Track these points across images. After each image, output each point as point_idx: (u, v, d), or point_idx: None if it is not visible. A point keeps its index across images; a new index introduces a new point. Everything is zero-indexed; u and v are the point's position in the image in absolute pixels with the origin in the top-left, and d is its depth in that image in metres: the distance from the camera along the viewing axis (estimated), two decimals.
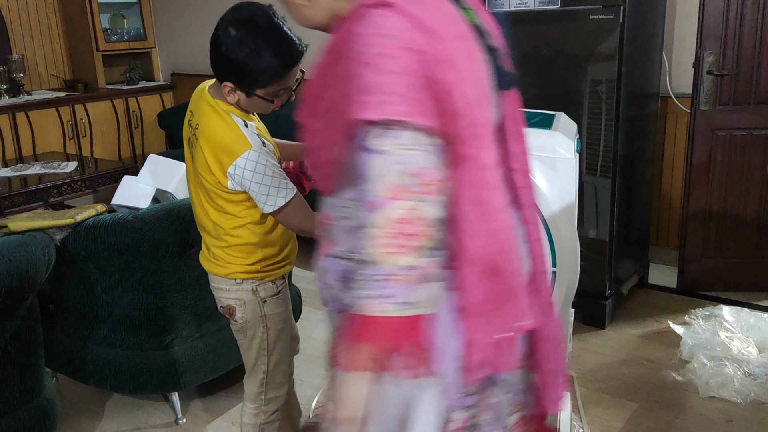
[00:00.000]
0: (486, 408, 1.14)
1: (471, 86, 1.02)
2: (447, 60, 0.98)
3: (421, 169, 0.98)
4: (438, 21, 1.00)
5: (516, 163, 1.16)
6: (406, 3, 0.98)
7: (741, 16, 3.05)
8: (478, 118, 1.04)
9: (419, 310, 1.00)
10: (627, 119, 2.91)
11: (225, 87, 1.59)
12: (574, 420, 2.33)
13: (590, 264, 2.84)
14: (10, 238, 1.96)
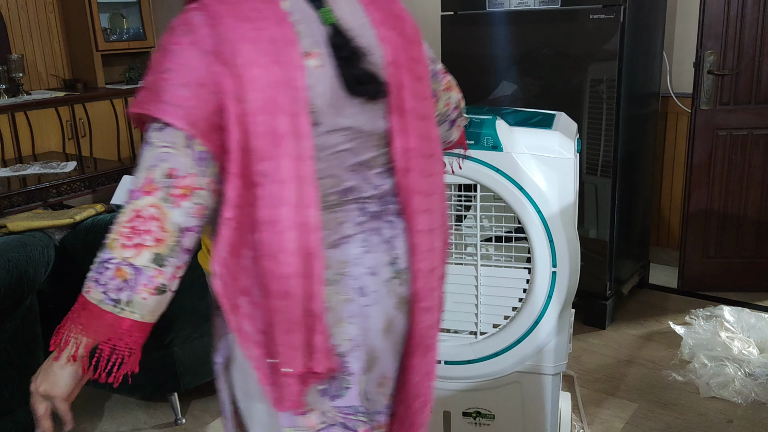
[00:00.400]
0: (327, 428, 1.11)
1: (269, 93, 0.97)
2: (238, 64, 0.95)
3: (173, 170, 0.95)
4: (243, 21, 0.97)
5: (402, 169, 1.10)
6: (215, 1, 0.97)
7: (741, 16, 3.05)
8: (279, 128, 0.97)
9: (133, 315, 0.97)
10: (627, 119, 2.90)
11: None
12: (574, 420, 2.32)
13: (590, 264, 2.84)
14: (10, 238, 1.96)
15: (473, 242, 1.73)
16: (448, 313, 1.78)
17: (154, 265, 0.96)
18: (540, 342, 1.73)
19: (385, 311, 1.10)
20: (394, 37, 1.08)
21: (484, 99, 3.09)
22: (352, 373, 1.08)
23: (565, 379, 2.59)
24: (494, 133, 1.65)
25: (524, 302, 1.71)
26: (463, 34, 3.09)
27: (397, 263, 1.11)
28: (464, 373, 1.80)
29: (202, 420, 2.46)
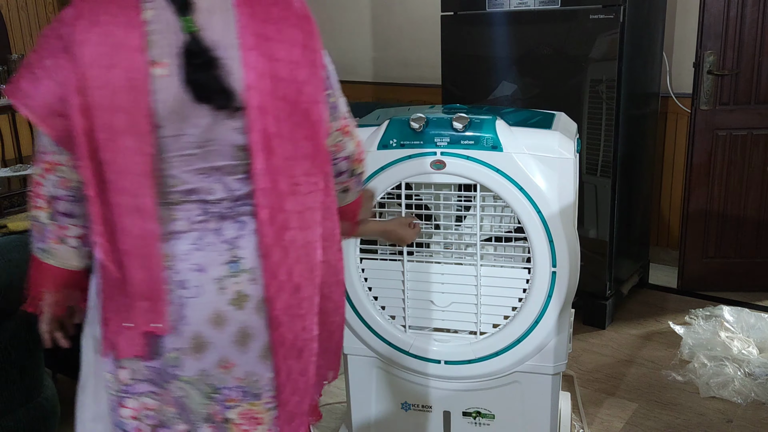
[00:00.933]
0: (168, 402, 1.24)
1: (109, 92, 1.07)
2: (82, 63, 1.06)
3: (41, 147, 1.16)
4: (95, 25, 1.07)
5: (262, 183, 1.15)
6: (84, 3, 1.10)
7: (741, 16, 3.05)
8: (117, 124, 1.08)
9: (56, 261, 1.23)
10: (627, 119, 2.90)
11: None
12: (574, 420, 2.32)
13: (590, 264, 2.84)
14: (10, 238, 1.96)
15: (473, 242, 1.74)
16: (448, 313, 1.79)
17: (51, 221, 1.20)
18: (540, 342, 1.73)
19: (212, 305, 1.19)
20: (262, 62, 1.12)
21: (484, 99, 3.09)
22: (166, 346, 1.20)
23: (565, 378, 2.59)
24: (494, 133, 1.65)
25: (524, 302, 1.71)
26: (463, 34, 3.10)
27: (240, 263, 1.19)
28: (464, 373, 1.81)
29: None
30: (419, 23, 4.27)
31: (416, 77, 4.39)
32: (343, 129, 1.32)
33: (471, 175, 1.66)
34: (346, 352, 1.93)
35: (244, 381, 1.26)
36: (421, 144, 1.68)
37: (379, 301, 1.84)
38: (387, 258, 1.81)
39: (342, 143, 1.32)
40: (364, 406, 1.98)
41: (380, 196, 1.74)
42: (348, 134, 1.34)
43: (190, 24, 1.10)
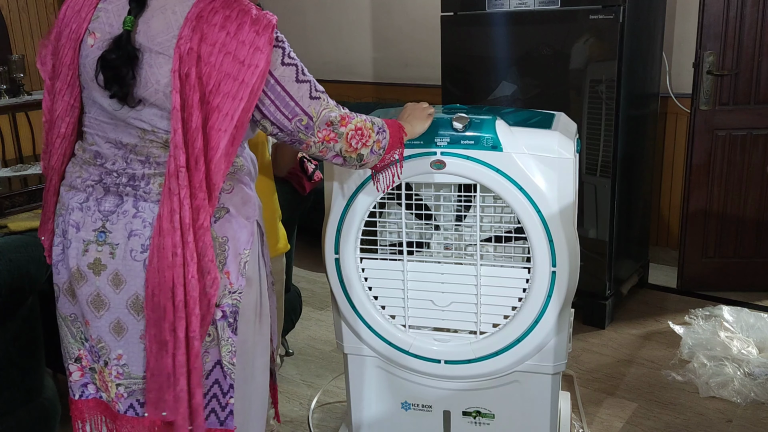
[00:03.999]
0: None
1: (61, 49, 1.35)
2: (59, 25, 1.37)
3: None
4: (75, 7, 1.35)
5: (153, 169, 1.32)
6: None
7: (741, 16, 3.06)
8: (61, 77, 1.35)
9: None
10: (627, 119, 2.91)
11: None
12: (574, 420, 2.33)
13: (590, 264, 2.85)
14: (11, 238, 1.96)
15: (473, 242, 1.74)
16: (448, 312, 1.79)
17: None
18: (540, 342, 1.73)
19: (76, 261, 1.36)
20: (186, 69, 1.22)
21: (484, 99, 3.09)
22: (60, 279, 1.42)
23: (564, 378, 2.59)
24: (494, 133, 1.65)
25: (524, 302, 1.72)
26: (463, 35, 3.10)
27: (107, 235, 1.33)
28: (464, 372, 1.81)
29: None
30: (419, 23, 4.27)
31: (416, 77, 4.39)
32: (324, 139, 1.38)
33: (471, 175, 1.66)
34: (346, 351, 1.93)
35: (95, 343, 1.39)
36: (421, 144, 1.69)
37: (379, 301, 1.84)
38: (387, 258, 1.81)
39: (327, 148, 1.40)
40: (364, 405, 1.98)
41: (380, 196, 1.74)
42: (332, 140, 1.39)
43: (129, 23, 1.25)
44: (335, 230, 1.78)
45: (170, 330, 1.30)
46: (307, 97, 1.33)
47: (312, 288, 3.52)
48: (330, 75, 4.76)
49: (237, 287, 1.38)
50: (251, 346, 1.47)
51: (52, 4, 5.15)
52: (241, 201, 1.40)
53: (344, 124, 1.40)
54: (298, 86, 1.32)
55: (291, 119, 1.33)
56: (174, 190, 1.26)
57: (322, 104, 1.36)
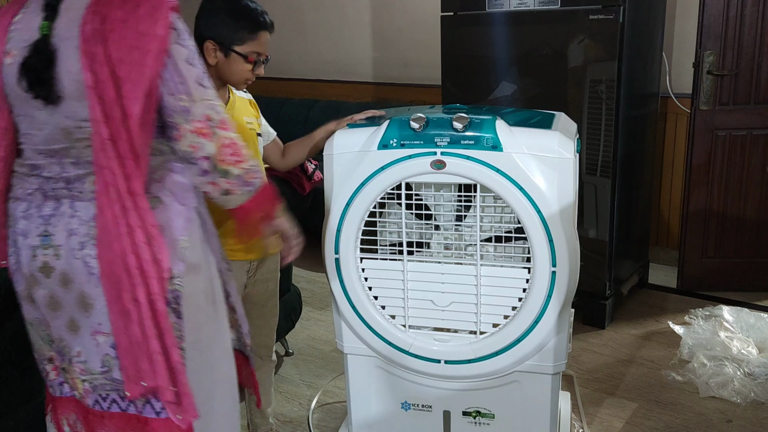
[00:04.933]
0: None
1: None
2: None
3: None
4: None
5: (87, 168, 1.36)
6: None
7: (741, 16, 3.06)
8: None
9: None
10: (627, 119, 2.91)
11: (206, 48, 1.76)
12: (574, 420, 2.33)
13: (590, 264, 2.85)
14: None
15: (473, 242, 1.74)
16: (448, 312, 1.79)
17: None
18: (540, 342, 1.73)
19: (28, 267, 1.42)
20: (88, 61, 1.30)
21: (484, 99, 3.09)
22: (19, 287, 1.48)
23: (564, 378, 2.59)
24: (494, 133, 1.65)
25: (524, 302, 1.72)
26: (463, 34, 3.10)
27: (51, 238, 1.38)
28: (464, 372, 1.81)
29: None
30: (419, 23, 4.27)
31: (416, 77, 4.39)
32: (199, 131, 1.38)
33: (471, 175, 1.66)
34: (346, 351, 1.93)
35: (59, 343, 1.46)
36: (421, 144, 1.69)
37: (379, 301, 1.84)
38: (387, 258, 1.81)
39: (198, 144, 1.38)
40: (364, 405, 1.98)
41: (380, 196, 1.74)
42: (206, 136, 1.38)
43: (45, 27, 1.33)
44: (335, 230, 1.78)
45: (131, 299, 1.34)
46: (194, 79, 1.37)
47: (312, 288, 3.52)
48: (330, 75, 4.76)
49: (176, 273, 1.40)
50: (207, 333, 1.50)
51: None
52: (173, 188, 1.43)
53: (223, 127, 1.39)
54: (188, 67, 1.36)
55: (174, 94, 1.35)
56: (104, 163, 1.32)
57: (207, 94, 1.38)
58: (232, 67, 1.80)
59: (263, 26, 1.80)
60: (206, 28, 1.78)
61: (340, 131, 1.82)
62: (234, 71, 1.80)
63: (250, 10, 1.79)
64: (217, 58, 1.78)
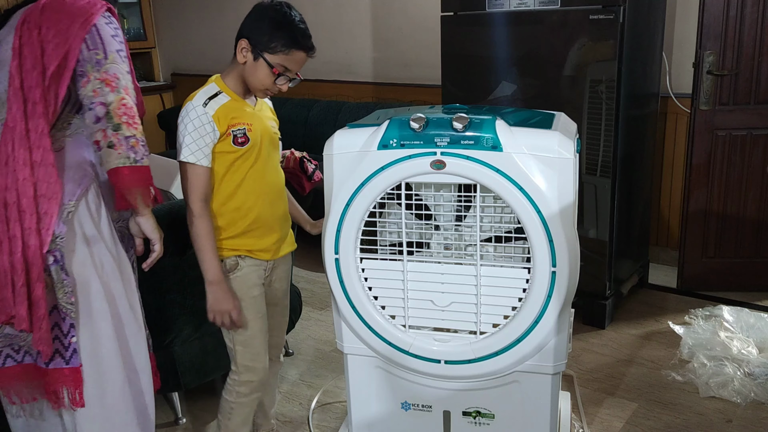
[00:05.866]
0: None
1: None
2: None
3: None
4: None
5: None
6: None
7: (741, 16, 3.06)
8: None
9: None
10: (627, 119, 2.91)
11: (239, 45, 1.79)
12: (574, 420, 2.33)
13: (590, 264, 2.85)
14: None
15: (473, 242, 1.74)
16: (448, 312, 1.79)
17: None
18: (540, 342, 1.73)
19: None
20: (27, 31, 1.56)
21: (484, 99, 3.09)
22: None
23: (564, 378, 2.59)
24: (494, 133, 1.65)
25: (524, 302, 1.72)
26: (463, 34, 3.10)
27: None
28: (464, 372, 1.81)
29: (203, 419, 2.46)
30: (419, 23, 4.27)
31: (416, 77, 4.39)
32: (106, 81, 1.57)
33: (471, 175, 1.66)
34: (346, 351, 1.93)
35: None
36: (421, 144, 1.69)
37: (379, 301, 1.84)
38: (387, 258, 1.81)
39: (100, 90, 1.56)
40: (364, 405, 1.98)
41: (380, 196, 1.74)
42: (111, 87, 1.57)
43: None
44: (335, 230, 1.78)
45: (3, 230, 1.53)
46: (114, 48, 1.59)
47: (312, 288, 3.52)
48: (330, 75, 4.76)
49: (59, 233, 1.59)
50: (99, 302, 1.68)
51: None
52: (71, 160, 1.64)
53: (126, 92, 1.59)
54: (111, 39, 1.59)
55: (91, 49, 1.57)
56: (13, 106, 1.54)
57: (121, 64, 1.59)
58: (256, 71, 1.79)
59: (299, 46, 1.80)
60: (246, 27, 1.80)
61: (340, 131, 1.82)
62: (257, 77, 1.80)
63: (293, 25, 1.80)
64: (246, 59, 1.79)
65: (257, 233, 1.88)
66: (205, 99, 1.77)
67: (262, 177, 1.86)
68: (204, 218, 1.77)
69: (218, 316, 1.84)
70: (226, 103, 1.79)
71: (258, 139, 1.83)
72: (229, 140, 1.78)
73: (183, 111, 1.77)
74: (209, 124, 1.75)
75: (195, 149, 1.75)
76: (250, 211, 1.85)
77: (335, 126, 4.03)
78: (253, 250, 1.88)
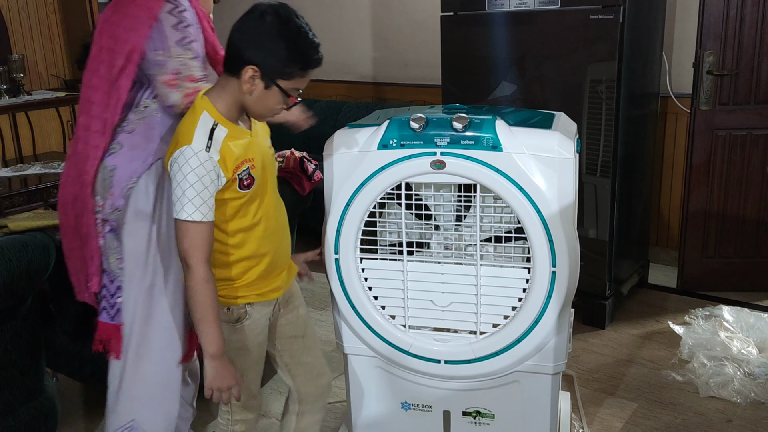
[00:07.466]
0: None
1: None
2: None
3: None
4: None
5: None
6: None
7: (741, 16, 3.06)
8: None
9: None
10: (627, 119, 2.91)
11: (246, 73, 1.48)
12: (574, 420, 2.33)
13: (590, 264, 2.85)
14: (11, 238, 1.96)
15: (473, 242, 1.74)
16: (448, 312, 1.79)
17: None
18: (539, 342, 1.73)
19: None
20: (97, 38, 1.76)
21: (484, 99, 3.09)
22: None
23: (564, 378, 2.59)
24: (494, 133, 1.65)
25: (524, 302, 1.72)
26: (463, 34, 3.10)
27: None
28: (464, 372, 1.81)
29: (203, 419, 2.46)
30: (419, 23, 4.27)
31: (416, 77, 4.39)
32: (167, 82, 1.69)
33: (471, 175, 1.66)
34: (346, 351, 1.93)
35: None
36: (421, 144, 1.69)
37: (379, 301, 1.84)
38: (387, 258, 1.81)
39: (166, 94, 1.70)
40: (364, 405, 1.98)
41: (380, 196, 1.74)
42: (173, 87, 1.69)
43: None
44: (335, 230, 1.78)
45: (73, 216, 1.89)
46: (175, 41, 1.69)
47: (312, 288, 3.52)
48: (330, 75, 4.76)
49: (117, 205, 1.78)
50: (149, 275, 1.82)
51: (52, 4, 5.15)
52: (140, 141, 1.77)
53: (188, 81, 1.69)
54: (173, 31, 1.69)
55: (153, 50, 1.69)
56: (82, 107, 1.80)
57: (183, 54, 1.69)
58: (267, 100, 1.53)
59: (316, 63, 1.55)
60: (252, 51, 1.48)
61: (340, 131, 1.82)
62: (266, 105, 1.55)
63: (309, 43, 1.52)
64: (254, 87, 1.50)
65: (269, 278, 1.67)
66: (206, 141, 1.48)
67: (271, 216, 1.66)
68: (210, 283, 1.51)
69: (218, 393, 1.57)
70: (225, 138, 1.51)
71: (260, 173, 1.59)
72: (235, 186, 1.53)
73: (180, 157, 1.47)
74: (214, 171, 1.48)
75: (199, 203, 1.47)
76: (263, 257, 1.63)
77: (335, 126, 4.02)
78: (264, 292, 1.67)
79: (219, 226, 1.57)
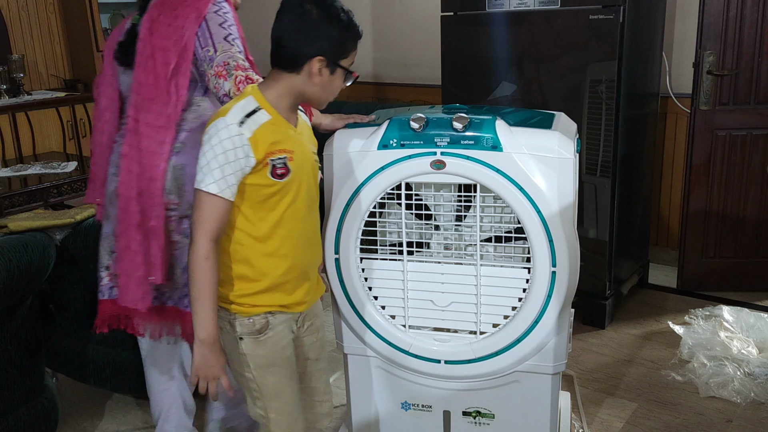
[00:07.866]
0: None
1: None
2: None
3: None
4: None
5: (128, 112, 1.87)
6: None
7: (741, 16, 3.06)
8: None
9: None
10: (627, 119, 2.91)
11: (314, 66, 1.49)
12: (574, 420, 2.33)
13: (590, 264, 2.85)
14: (11, 238, 1.96)
15: (473, 242, 1.74)
16: (448, 312, 1.79)
17: None
18: (540, 342, 1.73)
19: (108, 190, 1.98)
20: (145, 35, 1.84)
21: (484, 99, 3.09)
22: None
23: (564, 378, 2.59)
24: (494, 133, 1.65)
25: (524, 302, 1.72)
26: (463, 34, 3.10)
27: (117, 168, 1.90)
28: (464, 372, 1.81)
29: (203, 420, 2.46)
30: (419, 23, 4.27)
31: (416, 77, 4.39)
32: (218, 74, 1.76)
33: (471, 175, 1.66)
34: (346, 351, 1.93)
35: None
36: (421, 144, 1.69)
37: (379, 301, 1.84)
38: (387, 258, 1.81)
39: (218, 85, 1.76)
40: (364, 405, 1.98)
41: (380, 196, 1.74)
42: (223, 77, 1.75)
43: (137, 19, 1.91)
44: (335, 230, 1.78)
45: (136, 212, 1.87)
46: (222, 37, 1.78)
47: None
48: None
49: (185, 201, 1.82)
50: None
51: (53, 4, 5.15)
52: (193, 138, 1.82)
53: (237, 69, 1.74)
54: (219, 29, 1.78)
55: (203, 47, 1.78)
56: (139, 105, 1.85)
57: (230, 48, 1.77)
58: (333, 83, 1.55)
59: (361, 31, 1.56)
60: (312, 44, 1.48)
61: (340, 131, 1.82)
62: (332, 89, 1.57)
63: (349, 16, 1.53)
64: (322, 76, 1.50)
65: (290, 285, 1.59)
66: (242, 116, 1.45)
67: (301, 218, 1.58)
68: (212, 261, 1.46)
69: (203, 381, 1.51)
70: (265, 123, 1.47)
71: (299, 171, 1.53)
72: (266, 171, 1.47)
73: (212, 127, 1.45)
74: (243, 148, 1.43)
75: (219, 177, 1.43)
76: (284, 259, 1.56)
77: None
78: (288, 304, 1.60)
79: (244, 213, 1.50)
